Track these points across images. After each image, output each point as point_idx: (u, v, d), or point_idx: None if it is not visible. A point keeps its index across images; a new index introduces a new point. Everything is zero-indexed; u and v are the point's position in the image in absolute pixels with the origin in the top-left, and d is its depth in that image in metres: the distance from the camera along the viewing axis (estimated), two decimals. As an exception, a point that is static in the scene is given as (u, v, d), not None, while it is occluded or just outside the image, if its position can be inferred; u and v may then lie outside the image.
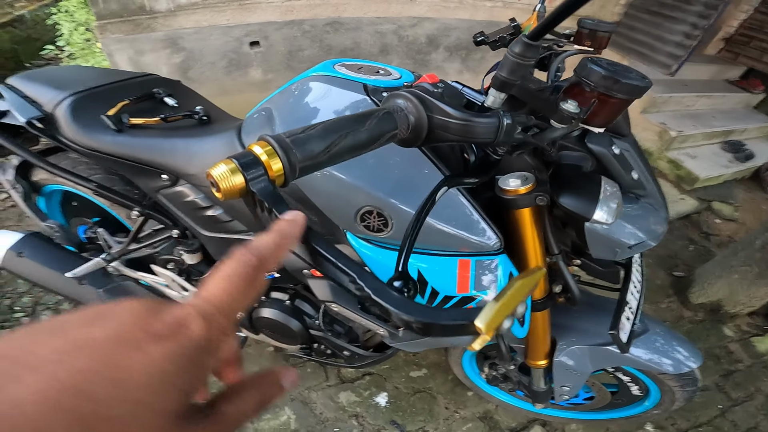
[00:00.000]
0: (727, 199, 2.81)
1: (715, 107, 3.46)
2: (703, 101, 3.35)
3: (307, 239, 0.30)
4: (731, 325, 1.96)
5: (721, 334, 1.93)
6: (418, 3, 2.52)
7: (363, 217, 0.68)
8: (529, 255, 0.73)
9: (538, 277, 0.27)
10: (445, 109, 0.42)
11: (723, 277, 1.85)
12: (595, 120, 0.50)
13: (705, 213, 2.70)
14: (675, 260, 2.30)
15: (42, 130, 0.96)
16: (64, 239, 1.33)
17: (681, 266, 2.26)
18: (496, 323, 0.24)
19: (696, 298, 1.96)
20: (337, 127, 0.36)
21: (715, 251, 2.37)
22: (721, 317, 1.94)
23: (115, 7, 1.99)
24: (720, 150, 3.19)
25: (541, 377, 1.01)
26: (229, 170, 0.30)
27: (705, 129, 3.12)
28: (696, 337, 1.90)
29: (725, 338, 1.92)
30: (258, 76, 2.46)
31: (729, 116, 3.41)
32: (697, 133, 3.07)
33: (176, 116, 1.01)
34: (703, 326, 1.95)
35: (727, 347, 1.88)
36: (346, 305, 0.94)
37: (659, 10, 2.91)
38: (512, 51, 0.44)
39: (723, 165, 3.00)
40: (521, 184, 0.65)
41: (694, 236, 2.51)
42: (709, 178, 2.85)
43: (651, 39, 2.98)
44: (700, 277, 1.97)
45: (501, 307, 0.25)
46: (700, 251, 2.39)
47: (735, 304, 1.87)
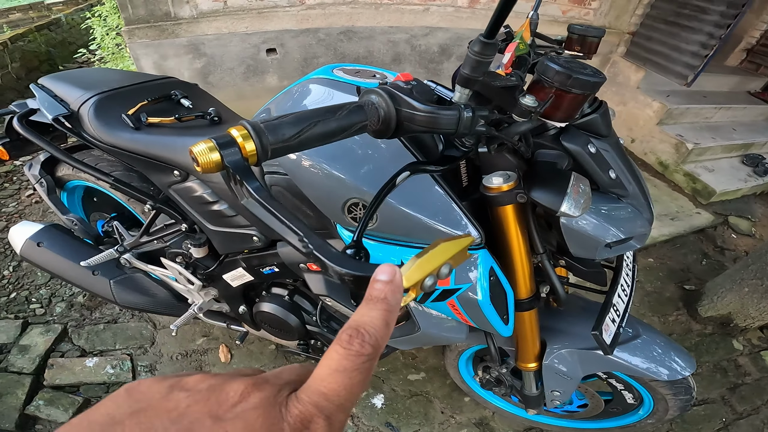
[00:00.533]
0: (745, 213, 2.74)
1: (735, 119, 3.38)
2: (722, 113, 3.28)
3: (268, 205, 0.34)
4: (741, 338, 1.92)
5: (730, 347, 1.89)
6: (430, 13, 2.57)
7: (350, 209, 0.72)
8: (513, 252, 0.76)
9: (465, 243, 0.29)
10: (412, 103, 0.45)
11: (733, 290, 1.82)
12: (555, 114, 0.53)
13: (721, 227, 2.64)
14: (687, 274, 2.26)
15: (67, 127, 1.04)
16: (83, 232, 1.41)
17: (693, 280, 2.22)
18: (417, 278, 0.27)
19: (705, 312, 1.93)
20: (309, 116, 0.41)
21: (729, 266, 2.32)
22: (731, 330, 1.91)
23: (142, 13, 2.11)
24: (739, 163, 3.12)
25: (532, 381, 1.01)
26: (208, 148, 0.34)
27: (724, 142, 3.05)
28: (704, 350, 1.86)
29: (734, 351, 1.88)
30: (274, 82, 2.55)
31: (749, 129, 3.33)
32: (716, 145, 3.00)
33: (189, 116, 1.08)
34: (712, 339, 1.91)
35: (736, 361, 1.84)
36: (339, 299, 0.97)
37: (676, 20, 2.87)
38: (472, 49, 0.47)
39: (741, 179, 2.93)
40: (503, 182, 0.68)
41: (708, 250, 2.46)
42: (726, 192, 2.79)
43: (667, 49, 2.95)
44: (710, 290, 1.94)
45: (422, 263, 0.27)
46: (714, 266, 2.34)
47: (745, 318, 1.83)
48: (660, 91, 3.16)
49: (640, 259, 2.31)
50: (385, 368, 1.63)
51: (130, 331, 1.69)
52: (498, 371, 1.10)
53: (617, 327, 0.83)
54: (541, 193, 0.62)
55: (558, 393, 1.00)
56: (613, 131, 0.73)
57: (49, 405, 1.42)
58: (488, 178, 0.69)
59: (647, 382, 0.99)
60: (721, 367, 1.80)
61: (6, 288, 1.87)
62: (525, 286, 0.81)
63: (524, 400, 1.06)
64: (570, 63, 0.53)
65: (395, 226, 0.73)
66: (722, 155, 3.10)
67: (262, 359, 1.62)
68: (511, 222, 0.72)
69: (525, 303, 0.83)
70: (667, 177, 3.02)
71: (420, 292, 0.27)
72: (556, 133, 0.65)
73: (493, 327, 0.77)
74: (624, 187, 0.70)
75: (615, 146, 0.71)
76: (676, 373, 0.91)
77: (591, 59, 0.94)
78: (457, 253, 0.29)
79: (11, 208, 2.38)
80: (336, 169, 0.71)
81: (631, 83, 3.22)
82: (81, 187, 1.48)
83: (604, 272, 0.83)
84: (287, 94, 0.85)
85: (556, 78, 0.51)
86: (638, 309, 2.03)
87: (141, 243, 1.23)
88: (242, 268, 1.11)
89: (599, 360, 0.92)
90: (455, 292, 0.72)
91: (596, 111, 0.68)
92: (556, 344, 0.95)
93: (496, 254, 0.77)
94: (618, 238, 0.68)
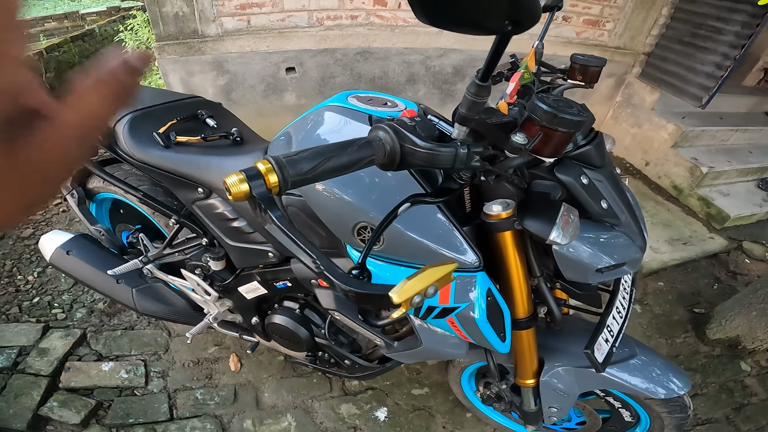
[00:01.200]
0: (759, 239, 2.71)
1: (752, 142, 3.34)
2: (739, 135, 3.25)
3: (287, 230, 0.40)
4: (749, 360, 1.92)
5: (737, 368, 1.89)
6: (444, 35, 2.65)
7: (359, 232, 0.78)
8: (512, 274, 0.81)
9: (449, 269, 0.35)
10: (414, 140, 0.51)
11: (742, 314, 1.84)
12: (544, 150, 0.58)
13: (734, 252, 2.61)
14: (697, 298, 2.25)
15: (102, 143, 1.13)
16: (109, 243, 1.50)
17: (703, 304, 2.21)
18: (407, 296, 0.33)
19: (713, 334, 1.94)
20: (324, 152, 0.47)
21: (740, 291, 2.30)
22: (739, 352, 1.92)
23: (172, 30, 2.23)
24: (755, 188, 3.08)
25: (530, 397, 1.04)
26: (239, 180, 0.41)
27: (739, 165, 3.02)
28: (711, 371, 1.86)
29: (741, 372, 1.88)
30: (292, 100, 2.65)
31: (766, 152, 3.29)
32: (731, 169, 2.97)
33: (214, 136, 1.16)
34: (720, 360, 1.91)
35: (743, 381, 1.84)
36: (348, 314, 1.02)
37: (691, 40, 2.88)
38: (469, 91, 0.52)
39: (756, 204, 2.89)
40: (502, 210, 0.73)
41: (720, 275, 2.44)
42: (740, 216, 2.76)
43: (683, 70, 2.95)
44: (719, 313, 1.95)
45: (412, 284, 0.33)
46: (725, 290, 2.32)
47: (753, 340, 1.85)
48: (675, 112, 3.15)
49: (649, 282, 2.31)
50: (390, 382, 1.67)
51: (146, 338, 1.75)
52: (498, 387, 1.14)
53: (610, 346, 0.86)
54: (532, 222, 0.67)
55: (555, 409, 1.03)
56: (608, 161, 0.77)
57: (63, 407, 1.46)
58: (488, 205, 0.74)
59: (643, 400, 1.01)
60: (728, 388, 1.80)
61: (30, 292, 1.95)
62: (523, 307, 0.85)
63: (523, 416, 1.09)
64: (558, 102, 0.57)
65: (401, 249, 0.78)
66: (737, 179, 3.07)
67: (270, 369, 1.67)
68: (509, 247, 0.77)
69: (523, 322, 0.87)
70: (681, 201, 3.00)
71: (410, 307, 0.33)
72: (552, 164, 0.70)
73: (490, 343, 0.82)
74: (616, 216, 0.74)
75: (609, 176, 0.75)
76: (671, 392, 0.94)
77: (593, 88, 0.99)
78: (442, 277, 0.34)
79: (39, 216, 2.47)
80: (347, 195, 0.77)
81: (646, 105, 3.22)
82: (109, 200, 1.57)
83: (599, 295, 0.87)
84: (304, 120, 0.92)
85: (543, 117, 0.55)
86: (645, 331, 2.03)
87: (164, 254, 1.30)
88: (257, 281, 1.17)
89: (594, 378, 0.95)
90: (454, 310, 0.77)
91: (591, 142, 0.72)
92: (553, 362, 0.98)
93: (496, 276, 0.82)
94: (609, 264, 0.72)
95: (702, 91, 2.83)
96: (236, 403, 1.55)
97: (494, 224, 0.75)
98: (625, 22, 2.97)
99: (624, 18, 2.95)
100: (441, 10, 0.35)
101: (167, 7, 2.14)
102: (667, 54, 3.07)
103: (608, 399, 1.12)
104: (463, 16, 0.36)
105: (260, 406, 1.56)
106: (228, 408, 1.54)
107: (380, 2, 2.45)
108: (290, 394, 1.59)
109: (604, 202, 0.72)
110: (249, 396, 1.58)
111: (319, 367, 1.35)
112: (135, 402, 1.53)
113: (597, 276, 0.74)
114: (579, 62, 0.91)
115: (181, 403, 1.54)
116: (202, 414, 1.51)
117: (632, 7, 2.89)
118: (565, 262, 0.73)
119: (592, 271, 0.73)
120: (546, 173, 0.70)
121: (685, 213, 2.89)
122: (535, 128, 0.56)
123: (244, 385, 1.62)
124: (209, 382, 1.63)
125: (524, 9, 0.35)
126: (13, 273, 2.08)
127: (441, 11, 0.36)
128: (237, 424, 1.50)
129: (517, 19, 0.36)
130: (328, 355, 1.29)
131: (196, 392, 1.58)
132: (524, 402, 1.07)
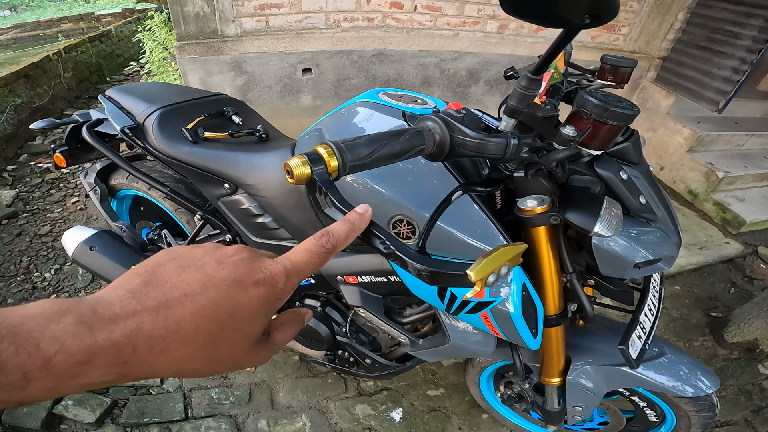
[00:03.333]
0: (776, 244, 2.68)
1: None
2: (755, 140, 3.22)
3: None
4: (767, 363, 1.90)
5: (755, 371, 1.87)
6: (460, 38, 2.67)
7: (394, 225, 0.78)
8: (544, 270, 0.80)
9: (519, 249, 0.35)
10: (464, 130, 0.51)
11: (760, 317, 1.84)
12: (592, 143, 0.58)
13: (750, 257, 2.59)
14: (714, 302, 2.23)
15: (132, 138, 1.14)
16: (130, 239, 1.50)
17: (720, 308, 2.19)
18: (484, 274, 0.33)
19: (731, 338, 1.93)
20: (379, 138, 0.47)
21: (757, 295, 2.28)
22: (757, 356, 1.90)
23: (193, 30, 2.26)
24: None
25: (554, 396, 1.04)
26: (302, 162, 0.41)
27: (755, 170, 2.99)
28: (729, 373, 1.85)
29: (759, 376, 1.86)
30: (308, 101, 2.67)
31: (783, 157, 3.26)
32: (747, 174, 2.95)
33: (241, 132, 1.17)
34: (737, 364, 1.90)
35: (761, 384, 1.82)
36: (373, 311, 1.02)
37: (708, 45, 2.86)
38: (520, 84, 0.53)
39: (773, 208, 2.87)
40: (537, 205, 0.73)
41: (736, 280, 2.42)
42: (756, 222, 2.73)
43: (699, 74, 2.93)
44: (737, 317, 1.95)
45: (487, 263, 0.33)
46: (742, 294, 2.30)
47: None
48: (691, 117, 3.13)
49: (666, 286, 2.29)
50: (405, 383, 1.66)
51: (164, 336, 1.76)
52: (521, 386, 1.13)
53: (643, 343, 0.86)
54: (575, 214, 0.67)
55: (580, 408, 1.02)
56: (643, 159, 0.77)
57: (78, 405, 1.45)
58: (523, 201, 0.74)
59: (671, 398, 1.01)
60: (746, 390, 1.79)
61: (46, 289, 1.97)
62: (554, 303, 0.85)
63: (545, 415, 1.09)
64: (607, 96, 0.58)
65: (437, 243, 0.78)
66: (753, 184, 3.04)
67: (285, 369, 1.67)
68: (543, 242, 0.77)
69: (553, 319, 0.87)
70: (696, 206, 2.97)
71: (485, 286, 0.33)
72: (590, 160, 0.70)
73: (523, 339, 0.81)
74: (653, 212, 0.74)
75: (645, 173, 0.75)
76: (700, 390, 0.93)
77: (623, 88, 0.99)
78: (514, 256, 0.34)
79: (56, 213, 2.52)
80: (384, 188, 0.77)
81: (661, 109, 3.20)
82: (130, 196, 1.59)
83: (631, 292, 0.86)
84: (337, 114, 0.93)
85: (594, 110, 0.56)
86: (663, 334, 2.01)
87: None
88: (280, 278, 1.17)
89: (624, 376, 0.95)
90: (489, 304, 0.77)
91: (628, 140, 0.73)
92: (581, 360, 0.97)
93: (528, 272, 0.82)
94: (646, 259, 0.72)
95: (719, 95, 2.81)
96: (251, 403, 1.55)
97: (529, 219, 0.75)
98: (641, 26, 2.97)
99: (639, 22, 2.95)
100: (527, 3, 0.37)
101: (189, 6, 2.17)
102: (683, 58, 3.06)
103: (633, 398, 1.11)
104: (546, 10, 0.37)
105: (275, 406, 1.55)
106: (243, 408, 1.54)
107: (396, 5, 2.47)
108: (305, 395, 1.59)
109: (642, 197, 0.72)
110: (264, 396, 1.58)
111: (337, 366, 1.35)
112: (150, 401, 1.53)
113: (634, 271, 0.74)
114: (610, 63, 0.91)
115: (196, 403, 1.54)
116: (217, 414, 1.51)
117: (648, 11, 2.89)
118: (603, 256, 0.73)
119: (630, 266, 0.72)
120: (585, 168, 0.70)
121: (701, 218, 2.86)
122: (584, 121, 0.57)
123: (259, 385, 1.62)
124: (224, 381, 1.63)
125: (605, 3, 0.37)
126: (30, 270, 2.11)
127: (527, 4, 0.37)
128: (252, 424, 1.49)
129: (596, 13, 0.38)
130: (347, 354, 1.29)
131: (211, 392, 1.58)
132: (547, 401, 1.06)
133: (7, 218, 2.44)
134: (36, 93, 3.57)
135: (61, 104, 3.90)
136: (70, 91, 4.11)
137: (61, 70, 3.99)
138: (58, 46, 4.30)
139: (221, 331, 0.28)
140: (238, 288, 0.28)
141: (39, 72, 3.71)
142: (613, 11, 0.38)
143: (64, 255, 2.10)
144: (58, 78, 3.93)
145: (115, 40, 5.40)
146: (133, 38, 5.11)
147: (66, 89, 4.03)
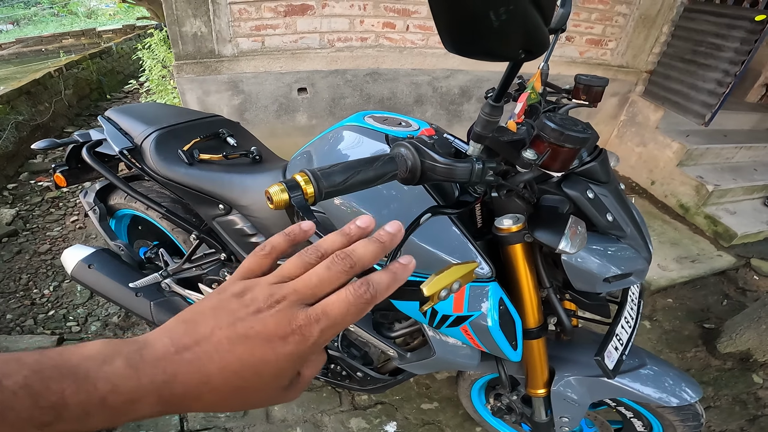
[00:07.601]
0: (767, 256, 2.71)
1: (757, 159, 3.35)
2: (744, 152, 3.26)
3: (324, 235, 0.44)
4: (762, 373, 1.92)
5: (749, 381, 1.89)
6: (452, 56, 2.72)
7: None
8: (522, 285, 0.84)
9: (471, 267, 0.38)
10: (434, 156, 0.55)
11: (752, 327, 1.87)
12: (552, 165, 0.62)
13: (743, 269, 2.61)
14: (707, 314, 2.25)
15: (130, 159, 1.18)
16: (128, 258, 1.54)
17: (713, 319, 2.21)
18: (435, 289, 0.36)
19: (724, 348, 1.95)
20: (353, 166, 0.51)
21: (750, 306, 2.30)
22: (751, 365, 1.92)
23: (191, 50, 2.32)
24: (761, 205, 3.08)
25: (541, 407, 1.06)
26: (280, 189, 0.45)
27: (745, 183, 3.02)
28: (723, 383, 1.86)
29: (754, 385, 1.87)
30: (303, 120, 2.72)
31: (772, 169, 3.29)
32: (737, 187, 2.98)
33: (235, 154, 1.21)
34: (731, 374, 1.92)
35: (756, 393, 1.84)
36: (362, 326, 1.06)
37: (692, 58, 2.90)
38: (483, 111, 0.56)
39: (763, 221, 2.89)
40: (513, 224, 0.77)
41: (729, 291, 2.44)
42: (747, 234, 2.75)
43: (685, 88, 2.96)
44: (729, 328, 1.97)
45: (439, 279, 0.36)
46: (735, 306, 2.32)
47: (764, 353, 1.87)
48: (679, 131, 3.17)
49: (658, 299, 2.31)
50: (399, 396, 1.67)
51: (159, 352, 1.77)
52: (509, 398, 1.15)
53: (620, 354, 0.88)
54: (542, 233, 0.71)
55: (567, 419, 1.04)
56: (613, 177, 0.81)
57: None
58: (500, 220, 0.78)
59: (655, 409, 1.02)
60: (741, 400, 1.80)
61: (45, 305, 1.99)
62: (533, 316, 0.88)
63: (534, 427, 1.11)
64: (564, 120, 0.62)
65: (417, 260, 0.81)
66: (744, 197, 3.07)
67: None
68: (519, 259, 0.81)
69: (533, 332, 0.90)
70: (687, 220, 3.00)
71: (437, 301, 0.37)
72: (559, 180, 0.74)
73: (503, 351, 0.84)
74: (621, 228, 0.78)
75: (614, 192, 0.79)
76: (683, 400, 0.95)
77: (596, 107, 1.03)
78: (465, 273, 0.38)
79: (56, 232, 2.54)
80: (366, 209, 0.81)
81: (650, 123, 3.25)
82: (129, 216, 1.62)
83: (607, 305, 0.89)
84: (324, 139, 0.98)
85: (551, 134, 0.60)
86: (655, 346, 2.03)
87: (183, 269, 1.34)
88: (273, 294, 1.20)
89: (606, 386, 0.97)
90: (468, 318, 0.80)
91: (595, 159, 0.77)
92: (564, 372, 1.00)
93: (507, 288, 0.85)
94: (615, 273, 0.75)
95: (705, 108, 2.85)
96: (246, 417, 1.56)
97: (505, 237, 0.79)
98: (627, 40, 3.03)
99: (626, 37, 3.02)
100: (466, 42, 0.41)
101: (186, 27, 2.24)
102: (670, 72, 3.10)
103: (620, 409, 1.13)
104: (484, 47, 0.41)
105: (270, 420, 1.56)
106: (238, 421, 1.55)
107: (389, 25, 2.55)
108: (300, 408, 1.60)
109: (609, 215, 0.76)
110: (259, 410, 1.59)
111: (330, 380, 1.37)
112: (146, 414, 1.55)
113: (605, 285, 0.77)
114: (582, 82, 0.95)
115: (192, 416, 1.55)
116: (212, 427, 1.52)
117: (633, 26, 2.95)
118: (574, 271, 0.77)
119: (599, 281, 0.76)
120: (554, 188, 0.74)
121: (693, 231, 2.89)
122: (543, 145, 0.61)
123: (255, 399, 1.63)
124: (220, 395, 1.64)
125: (534, 40, 0.41)
126: (29, 287, 2.13)
127: (466, 43, 0.41)
128: (247, 437, 1.50)
129: (528, 49, 0.42)
130: (340, 368, 1.31)
131: (207, 405, 1.60)
132: (535, 413, 1.08)
133: (8, 236, 2.47)
134: (37, 110, 3.59)
135: (62, 122, 3.92)
136: (70, 108, 4.13)
137: (62, 86, 4.02)
138: (59, 62, 4.33)
139: (248, 385, 0.29)
140: (266, 346, 0.29)
141: (40, 89, 3.74)
142: (544, 45, 0.42)
143: (63, 272, 2.13)
144: (59, 95, 3.96)
145: (115, 56, 5.44)
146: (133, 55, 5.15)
147: (67, 106, 4.06)
